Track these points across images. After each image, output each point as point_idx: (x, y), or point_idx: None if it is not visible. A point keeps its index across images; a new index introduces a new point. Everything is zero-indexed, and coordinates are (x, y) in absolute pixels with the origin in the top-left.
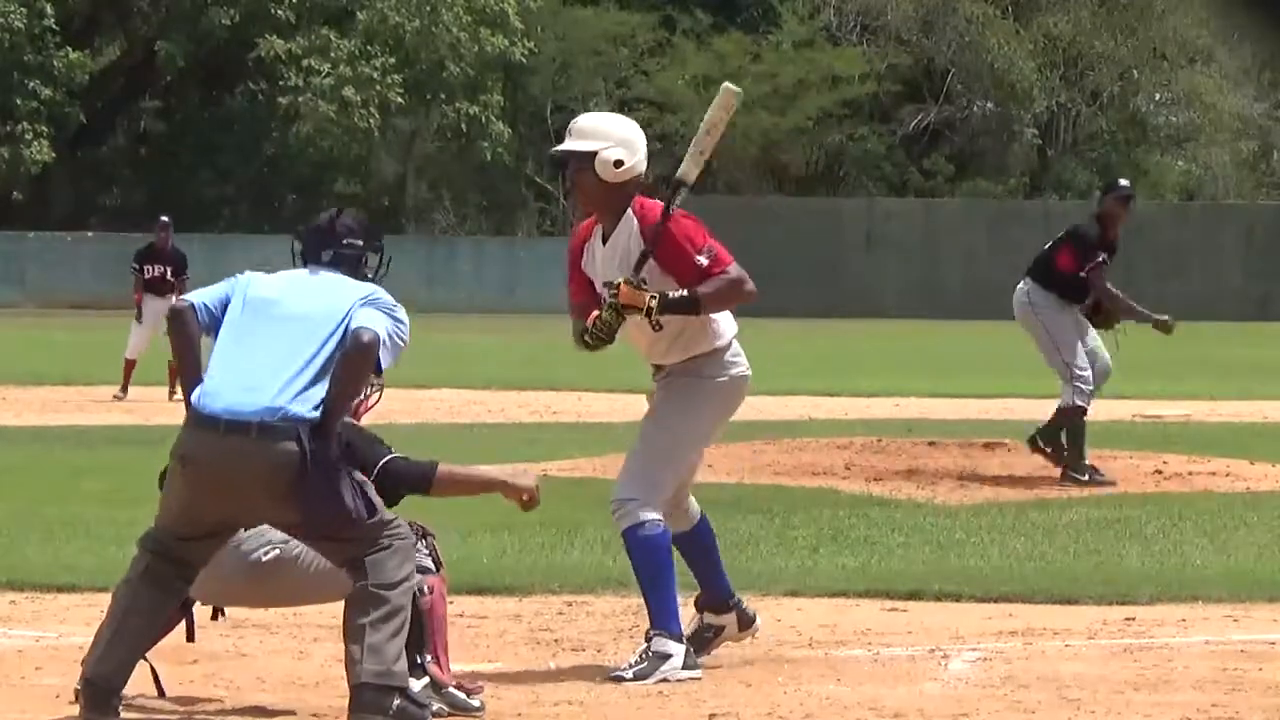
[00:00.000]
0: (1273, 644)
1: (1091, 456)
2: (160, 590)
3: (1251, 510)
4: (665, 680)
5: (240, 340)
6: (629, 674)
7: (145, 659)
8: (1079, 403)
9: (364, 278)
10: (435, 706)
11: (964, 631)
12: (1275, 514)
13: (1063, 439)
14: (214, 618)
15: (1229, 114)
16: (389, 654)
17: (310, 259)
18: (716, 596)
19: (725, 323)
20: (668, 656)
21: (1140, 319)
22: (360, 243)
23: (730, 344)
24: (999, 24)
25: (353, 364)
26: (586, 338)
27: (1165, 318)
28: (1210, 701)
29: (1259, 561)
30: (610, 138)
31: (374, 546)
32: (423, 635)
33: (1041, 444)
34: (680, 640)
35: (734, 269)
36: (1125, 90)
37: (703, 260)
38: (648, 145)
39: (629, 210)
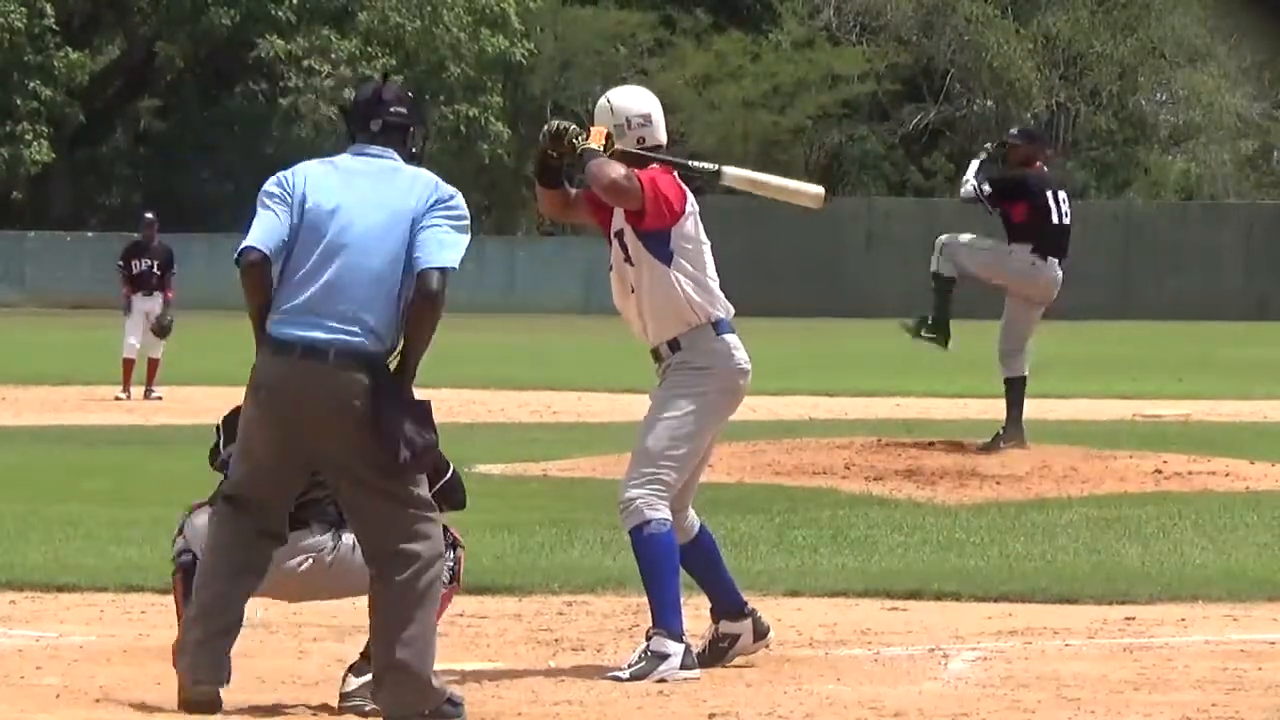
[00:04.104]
0: (1273, 644)
1: (1091, 456)
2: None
3: (1251, 510)
4: (663, 680)
5: (305, 262)
6: (626, 674)
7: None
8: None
9: (410, 152)
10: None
11: (964, 631)
12: (1275, 514)
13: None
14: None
15: (1229, 113)
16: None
17: (358, 130)
18: (729, 605)
19: (701, 303)
20: (665, 656)
21: None
22: (406, 112)
23: (717, 331)
24: (998, 23)
25: (421, 313)
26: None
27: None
28: (1210, 701)
29: (1259, 561)
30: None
31: (423, 510)
32: None
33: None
34: (680, 639)
35: (632, 179)
36: (1124, 89)
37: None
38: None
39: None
